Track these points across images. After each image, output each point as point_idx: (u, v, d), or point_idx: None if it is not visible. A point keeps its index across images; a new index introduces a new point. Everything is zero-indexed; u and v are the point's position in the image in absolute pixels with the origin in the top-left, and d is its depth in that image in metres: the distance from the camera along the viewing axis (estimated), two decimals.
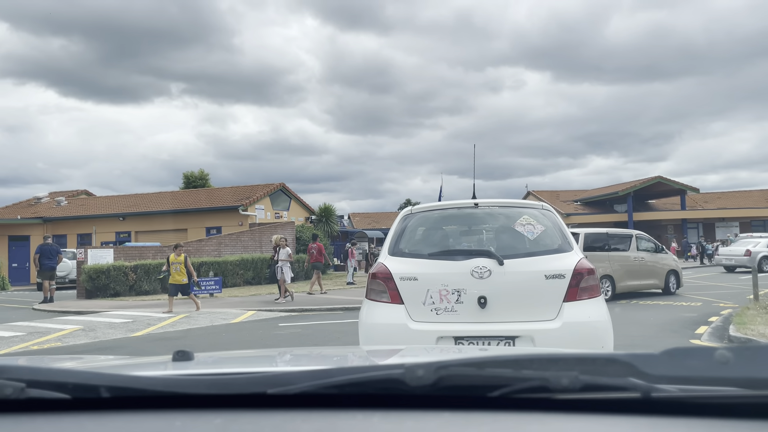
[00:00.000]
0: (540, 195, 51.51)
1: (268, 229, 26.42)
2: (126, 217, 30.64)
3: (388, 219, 52.91)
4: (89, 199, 35.41)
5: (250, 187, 31.34)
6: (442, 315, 4.16)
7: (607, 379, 0.97)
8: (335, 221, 33.91)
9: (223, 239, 23.68)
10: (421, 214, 4.80)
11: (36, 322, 12.41)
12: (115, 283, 17.17)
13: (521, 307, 4.17)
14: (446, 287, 4.17)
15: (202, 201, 30.21)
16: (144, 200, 32.64)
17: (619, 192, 44.17)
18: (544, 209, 4.68)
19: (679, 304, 13.32)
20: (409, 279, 4.26)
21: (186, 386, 1.02)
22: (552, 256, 4.29)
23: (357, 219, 52.08)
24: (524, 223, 4.47)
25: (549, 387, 0.96)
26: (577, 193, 52.56)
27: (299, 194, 33.19)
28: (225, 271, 20.98)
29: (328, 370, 1.05)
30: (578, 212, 47.83)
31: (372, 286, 4.40)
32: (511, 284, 4.16)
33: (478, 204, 4.69)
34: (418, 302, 4.21)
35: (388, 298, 4.27)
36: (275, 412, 0.99)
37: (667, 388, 0.96)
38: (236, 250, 23.76)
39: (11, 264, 29.60)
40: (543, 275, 4.18)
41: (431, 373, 0.98)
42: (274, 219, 30.18)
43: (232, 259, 21.53)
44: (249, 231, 25.55)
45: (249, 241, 24.88)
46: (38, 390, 0.99)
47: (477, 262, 4.19)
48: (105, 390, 1.01)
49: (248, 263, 22.10)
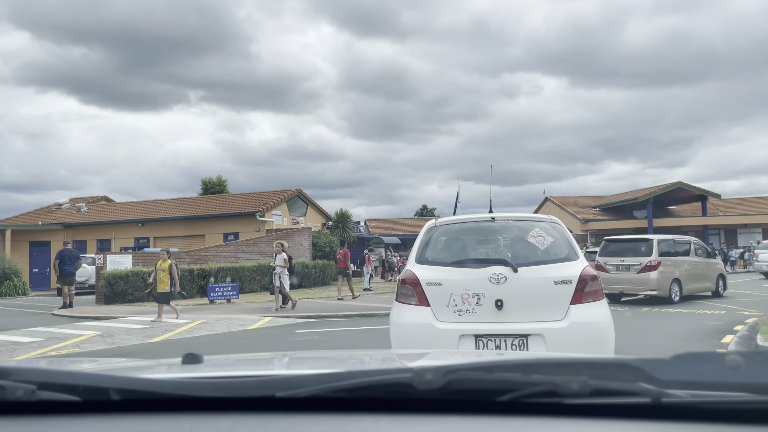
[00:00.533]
0: (558, 201, 51.09)
1: (285, 235, 26.47)
2: (145, 222, 30.91)
3: (404, 225, 52.85)
4: (109, 205, 35.81)
5: (268, 193, 31.47)
6: (464, 316, 4.68)
7: (617, 383, 0.97)
8: (351, 227, 33.88)
9: (240, 245, 23.77)
10: (443, 227, 5.35)
11: (55, 327, 12.51)
12: (133, 288, 17.30)
13: (533, 308, 4.66)
14: (467, 291, 4.69)
15: (219, 207, 30.39)
16: (162, 206, 32.93)
17: (639, 198, 43.65)
18: (553, 222, 5.20)
19: (702, 312, 13.04)
20: (434, 284, 4.78)
21: (195, 389, 1.02)
22: (560, 264, 4.80)
23: (373, 225, 52.08)
24: (535, 234, 5.00)
25: (558, 392, 0.96)
26: (595, 199, 52.05)
27: (316, 200, 33.28)
28: (242, 276, 21.03)
29: (337, 373, 1.06)
30: (597, 218, 47.35)
31: (402, 291, 4.93)
32: (524, 289, 4.67)
33: (494, 218, 5.26)
34: (442, 304, 4.72)
35: (416, 301, 4.80)
36: (284, 416, 0.99)
37: (678, 393, 0.95)
38: (253, 255, 23.82)
39: (32, 269, 29.99)
40: (552, 281, 4.68)
41: (440, 377, 0.97)
42: (291, 225, 30.25)
43: (249, 265, 21.58)
44: (266, 237, 25.63)
45: (266, 246, 24.93)
46: (49, 392, 1.00)
47: (494, 270, 4.70)
48: (115, 392, 1.01)
49: (265, 269, 22.12)
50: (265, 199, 29.80)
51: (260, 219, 27.97)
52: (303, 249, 27.23)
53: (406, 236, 47.54)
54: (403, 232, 49.54)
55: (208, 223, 29.59)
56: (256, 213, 27.91)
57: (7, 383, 0.99)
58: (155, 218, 30.71)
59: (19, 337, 10.81)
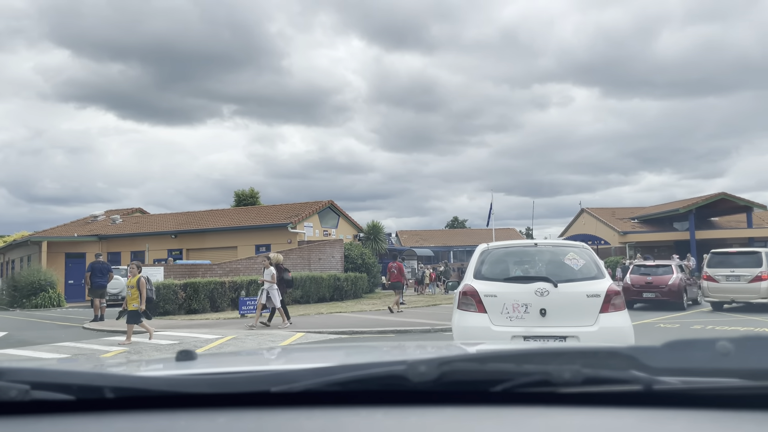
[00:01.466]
0: (595, 212, 49.79)
1: (317, 247, 26.12)
2: (178, 234, 30.97)
3: (435, 237, 52.19)
4: (143, 217, 36.10)
5: (299, 204, 31.25)
6: (514, 321, 5.82)
7: (609, 372, 0.97)
8: (383, 239, 33.41)
9: None
10: (495, 250, 6.54)
11: (83, 342, 12.27)
12: (165, 301, 17.07)
13: (570, 316, 5.80)
14: (517, 302, 5.84)
15: (251, 219, 30.27)
16: (195, 218, 33.00)
17: (680, 209, 42.17)
18: (584, 248, 6.44)
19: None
20: (490, 296, 5.95)
21: (189, 385, 1.02)
22: (591, 282, 6.00)
23: (405, 237, 51.52)
24: (571, 258, 6.18)
25: (551, 381, 0.96)
26: (634, 210, 50.54)
27: (346, 212, 32.90)
28: None
29: (331, 367, 1.06)
30: (636, 230, 45.92)
31: (463, 300, 6.11)
32: (562, 300, 5.82)
33: (537, 244, 6.67)
34: (497, 312, 5.87)
35: (476, 309, 5.96)
36: (279, 410, 0.99)
37: (669, 380, 0.96)
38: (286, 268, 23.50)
39: (67, 281, 30.26)
40: (585, 295, 5.85)
41: (434, 369, 0.97)
42: (323, 236, 29.93)
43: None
44: (297, 249, 25.32)
45: (297, 258, 24.61)
46: (43, 392, 0.99)
47: (539, 285, 5.89)
48: (109, 390, 1.01)
49: (296, 282, 21.75)
50: (296, 211, 29.57)
51: (292, 231, 27.70)
52: (335, 261, 26.83)
53: (438, 248, 46.86)
54: (435, 244, 48.86)
55: (240, 234, 29.46)
56: (287, 225, 27.66)
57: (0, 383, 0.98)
58: (188, 230, 30.75)
59: (44, 353, 10.54)
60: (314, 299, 22.56)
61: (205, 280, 18.33)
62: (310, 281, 22.45)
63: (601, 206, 52.20)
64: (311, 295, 22.44)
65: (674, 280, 18.11)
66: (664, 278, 18.31)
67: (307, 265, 24.92)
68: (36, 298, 25.73)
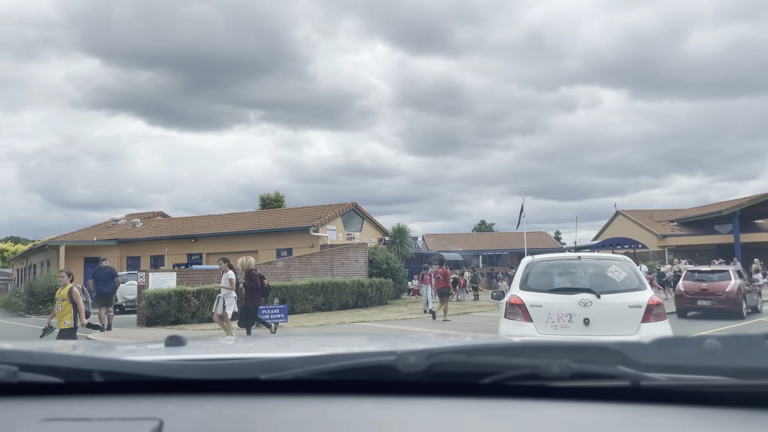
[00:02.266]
0: (631, 215, 47.66)
1: (340, 251, 24.88)
2: (197, 238, 30.05)
3: (463, 240, 50.55)
4: (163, 221, 35.33)
5: (322, 207, 30.07)
6: (559, 329, 6.05)
7: (597, 367, 0.97)
8: (409, 243, 32.02)
9: (292, 261, 22.27)
10: (540, 262, 6.78)
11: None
12: (176, 309, 15.94)
13: (612, 325, 6.00)
14: (562, 312, 6.11)
15: (272, 222, 29.19)
16: (216, 221, 32.07)
17: (723, 211, 39.90)
18: (626, 261, 6.68)
19: None
20: (536, 306, 6.21)
21: (179, 371, 1.02)
22: (632, 293, 6.21)
23: (431, 240, 50.02)
24: (613, 270, 6.39)
25: (540, 374, 0.97)
26: (672, 213, 48.25)
27: (371, 215, 31.60)
28: (293, 296, 19.47)
29: (320, 356, 1.05)
30: (675, 233, 43.72)
31: (509, 310, 6.33)
32: (605, 311, 6.07)
33: (580, 257, 6.93)
34: (542, 321, 6.13)
35: (522, 318, 6.18)
36: (268, 398, 0.99)
37: (657, 376, 0.96)
38: (306, 273, 22.28)
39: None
40: (627, 305, 6.10)
41: (423, 360, 0.97)
42: (346, 240, 28.69)
43: (301, 284, 20.01)
44: (320, 253, 24.09)
45: (319, 263, 23.38)
46: (31, 374, 0.99)
47: (582, 296, 6.14)
48: (98, 374, 1.00)
49: (318, 288, 20.54)
50: (319, 214, 28.39)
51: (314, 234, 26.51)
52: (358, 266, 25.53)
53: (466, 252, 45.23)
54: (463, 248, 47.22)
55: (261, 238, 28.39)
56: (309, 228, 26.49)
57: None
58: (207, 234, 29.81)
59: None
60: (337, 306, 21.28)
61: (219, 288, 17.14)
62: (333, 287, 21.18)
63: (637, 208, 49.87)
64: (333, 302, 21.16)
65: (732, 287, 16.42)
66: (721, 285, 16.65)
67: (329, 270, 23.67)
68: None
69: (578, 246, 50.87)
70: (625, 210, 49.40)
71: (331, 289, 21.07)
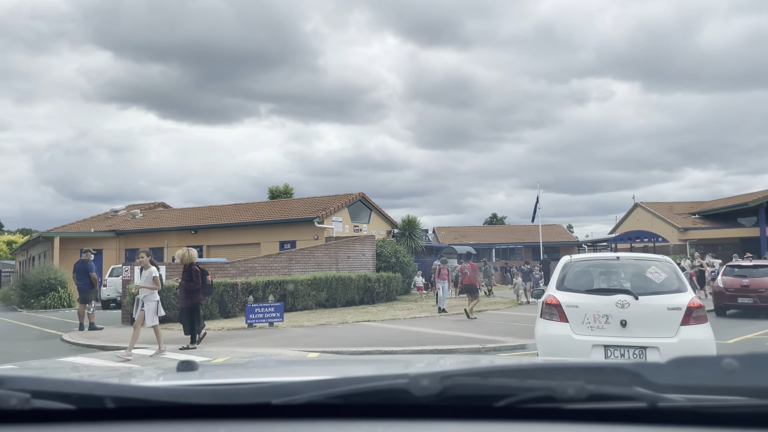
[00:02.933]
0: (650, 207, 45.85)
1: (345, 244, 23.45)
2: (198, 230, 28.76)
3: (475, 234, 48.99)
4: (164, 212, 34.06)
5: (328, 197, 28.64)
6: (595, 330, 6.10)
7: (613, 388, 0.96)
8: (420, 235, 30.53)
9: (294, 255, 20.87)
10: (577, 263, 6.87)
11: (50, 360, 9.80)
12: (163, 307, 14.54)
13: (650, 327, 6.02)
14: (598, 312, 6.12)
15: (275, 213, 27.80)
16: (218, 212, 30.75)
17: (750, 203, 38.02)
18: (666, 261, 6.65)
19: None
20: (572, 306, 6.27)
21: (190, 396, 1.01)
22: (672, 295, 6.18)
23: (442, 233, 48.50)
24: (653, 271, 6.42)
25: (555, 396, 0.95)
26: (693, 205, 46.37)
27: (379, 206, 30.10)
28: (295, 292, 18.09)
29: (333, 380, 1.04)
30: (697, 226, 41.89)
31: (545, 310, 6.43)
32: (643, 312, 6.04)
33: (619, 257, 6.94)
34: (578, 321, 6.19)
35: (558, 318, 6.28)
36: (280, 423, 0.99)
37: (674, 397, 0.94)
38: (308, 267, 20.89)
39: None
40: (666, 308, 6.06)
41: (436, 383, 0.96)
42: (353, 232, 27.26)
43: (303, 278, 18.61)
44: (324, 246, 22.67)
45: (323, 257, 21.97)
46: (43, 400, 0.97)
47: (619, 297, 6.12)
48: (110, 400, 0.99)
49: (321, 283, 19.14)
50: (324, 204, 26.96)
51: (319, 226, 25.10)
52: (365, 259, 24.11)
53: (479, 245, 43.67)
54: (476, 241, 45.66)
55: (264, 230, 27.04)
56: (314, 219, 25.07)
57: (0, 391, 0.96)
58: (207, 225, 28.49)
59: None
60: (342, 302, 19.89)
61: (214, 282, 15.78)
62: (337, 282, 19.78)
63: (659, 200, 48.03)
64: (338, 297, 19.77)
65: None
66: (764, 281, 15.06)
67: (334, 263, 22.26)
68: (45, 298, 23.80)
69: (594, 240, 49.19)
70: (644, 202, 47.58)
71: (335, 284, 19.67)
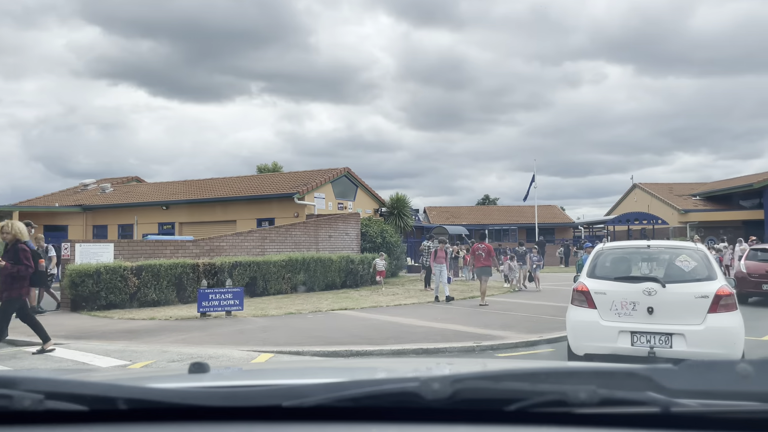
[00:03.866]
0: (649, 188, 44.12)
1: (327, 222, 21.50)
2: (169, 206, 26.66)
3: (467, 214, 47.10)
4: (136, 186, 31.87)
5: (310, 172, 26.59)
6: (622, 317, 6.22)
7: (626, 393, 0.95)
8: (409, 215, 28.60)
9: (268, 233, 18.88)
10: (609, 250, 7.02)
11: None
12: (107, 291, 12.59)
13: (677, 315, 6.08)
14: (626, 300, 6.23)
15: (254, 188, 25.73)
16: (191, 187, 28.63)
17: (754, 184, 36.28)
18: (697, 249, 6.69)
19: None
20: (600, 293, 6.40)
21: (202, 398, 1.02)
22: (700, 283, 6.21)
23: (433, 213, 46.60)
24: (682, 259, 6.47)
25: (566, 401, 0.94)
26: (693, 187, 44.70)
27: (366, 182, 28.06)
28: (266, 274, 16.17)
29: (343, 383, 1.05)
30: (698, 208, 40.20)
31: (576, 297, 6.60)
32: (670, 300, 6.11)
33: (650, 246, 6.82)
34: (606, 308, 6.31)
35: (587, 305, 6.43)
36: (291, 425, 0.99)
37: (688, 402, 0.94)
38: (285, 247, 18.95)
39: None
40: (693, 296, 6.11)
41: (447, 386, 0.96)
42: (337, 210, 25.28)
43: (277, 259, 16.66)
44: (303, 224, 20.68)
45: (302, 236, 20.02)
46: (56, 402, 0.98)
47: (647, 285, 6.20)
48: (122, 402, 1.00)
49: (297, 264, 17.22)
50: (305, 180, 24.92)
51: (298, 202, 23.09)
52: (349, 239, 22.19)
53: (471, 226, 41.84)
54: (468, 221, 43.78)
55: (240, 207, 25.01)
56: (293, 195, 23.05)
57: (14, 393, 0.97)
58: (180, 201, 26.39)
59: None
60: (321, 286, 18.01)
61: (169, 263, 13.76)
62: (316, 264, 17.86)
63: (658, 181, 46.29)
64: (317, 281, 17.88)
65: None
66: None
67: (314, 243, 20.33)
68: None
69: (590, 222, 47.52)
70: (643, 183, 45.83)
71: (313, 266, 17.76)
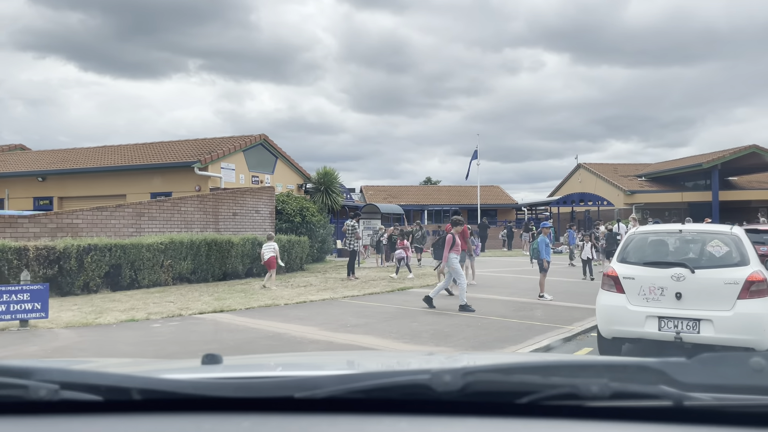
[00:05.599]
0: (594, 169, 42.21)
1: (231, 196, 17.71)
2: (47, 177, 22.15)
3: (407, 193, 43.98)
4: (13, 155, 26.89)
5: (219, 139, 22.57)
6: (650, 302, 6.20)
7: (638, 386, 0.95)
8: (338, 191, 25.03)
9: (146, 209, 14.89)
10: (641, 235, 6.91)
11: None
12: None
13: (706, 300, 5.99)
14: (654, 285, 6.21)
15: (149, 157, 21.54)
16: (75, 155, 24.07)
17: (703, 164, 34.69)
18: (732, 234, 6.43)
19: None
20: (629, 278, 6.36)
21: (214, 389, 1.02)
22: (730, 268, 6.06)
23: (370, 192, 43.25)
24: (714, 245, 6.35)
25: (578, 394, 0.94)
26: (639, 167, 43.14)
27: (287, 154, 24.27)
28: (137, 261, 12.39)
29: (355, 374, 1.08)
30: (644, 189, 38.51)
31: (605, 281, 6.57)
32: (698, 285, 6.04)
33: (681, 230, 6.73)
34: (634, 293, 6.29)
35: (615, 290, 6.40)
36: (302, 416, 1.00)
37: (700, 396, 0.93)
38: (171, 226, 15.10)
39: None
40: (723, 282, 6.00)
41: (458, 379, 0.96)
42: (251, 183, 21.48)
43: (151, 242, 12.85)
44: (196, 198, 16.79)
45: (195, 212, 16.18)
46: (72, 392, 1.00)
47: (676, 270, 6.16)
48: (136, 392, 1.01)
49: (182, 248, 13.48)
50: (212, 147, 20.95)
51: (200, 173, 19.18)
52: (260, 218, 18.51)
53: (410, 206, 38.72)
54: (407, 201, 40.65)
55: (131, 178, 20.87)
56: (194, 164, 19.11)
57: (30, 383, 0.98)
58: (59, 170, 21.91)
59: None
60: (217, 276, 14.38)
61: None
62: (208, 248, 14.18)
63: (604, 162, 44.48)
64: (211, 269, 14.22)
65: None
66: None
67: (213, 222, 16.55)
68: None
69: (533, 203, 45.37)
70: (588, 163, 43.94)
71: (204, 250, 14.06)
